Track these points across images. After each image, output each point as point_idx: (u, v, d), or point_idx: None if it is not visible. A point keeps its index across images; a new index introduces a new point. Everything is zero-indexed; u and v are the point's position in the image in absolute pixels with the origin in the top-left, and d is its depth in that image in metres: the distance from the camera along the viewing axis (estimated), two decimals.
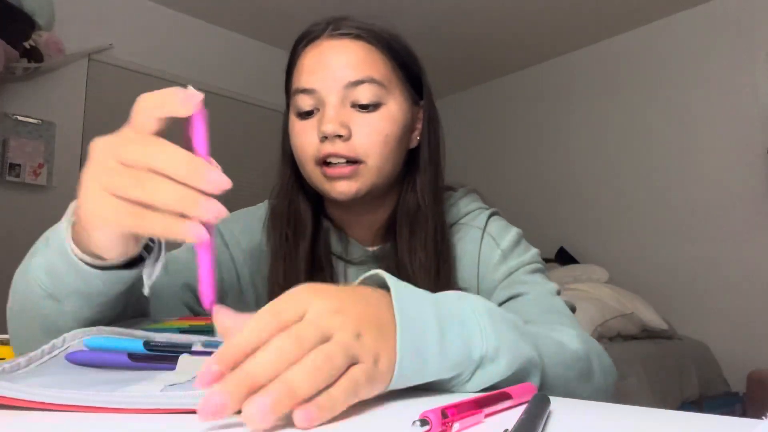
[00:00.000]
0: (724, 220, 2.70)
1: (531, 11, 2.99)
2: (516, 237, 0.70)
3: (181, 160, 0.35)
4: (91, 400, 0.31)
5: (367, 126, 0.63)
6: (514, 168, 3.66)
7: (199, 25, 3.16)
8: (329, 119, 0.62)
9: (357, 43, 0.65)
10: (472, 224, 0.71)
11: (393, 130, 0.64)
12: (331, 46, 0.65)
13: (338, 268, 0.72)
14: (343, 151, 0.62)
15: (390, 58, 0.66)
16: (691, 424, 0.31)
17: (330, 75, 0.63)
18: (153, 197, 0.35)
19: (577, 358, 0.50)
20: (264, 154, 3.38)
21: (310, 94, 0.64)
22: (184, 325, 0.49)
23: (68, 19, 2.64)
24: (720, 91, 2.77)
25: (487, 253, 0.68)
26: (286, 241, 0.69)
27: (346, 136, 0.62)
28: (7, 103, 2.47)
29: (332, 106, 0.62)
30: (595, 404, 0.37)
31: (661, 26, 3.03)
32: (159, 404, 0.31)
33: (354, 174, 0.63)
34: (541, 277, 0.68)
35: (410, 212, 0.68)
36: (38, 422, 0.29)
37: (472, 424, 0.30)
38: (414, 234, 0.67)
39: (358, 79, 0.63)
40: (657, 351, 2.34)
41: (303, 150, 0.65)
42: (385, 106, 0.64)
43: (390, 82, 0.65)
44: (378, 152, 0.63)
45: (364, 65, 0.63)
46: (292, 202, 0.71)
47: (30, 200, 2.51)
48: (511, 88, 3.77)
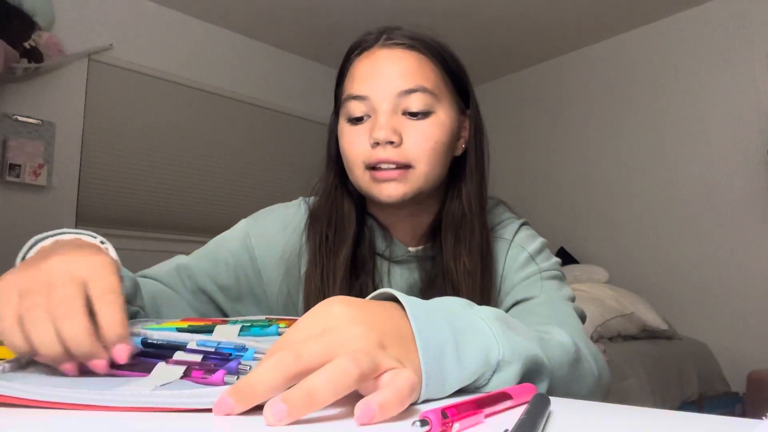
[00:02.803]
0: (724, 221, 2.70)
1: (529, 11, 3.00)
2: (541, 245, 0.74)
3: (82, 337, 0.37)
4: (85, 399, 0.31)
5: (418, 133, 0.65)
6: (513, 168, 3.66)
7: (200, 25, 3.17)
8: (381, 126, 0.63)
9: (409, 52, 0.67)
10: (503, 234, 0.74)
11: (442, 137, 0.66)
12: (385, 55, 0.67)
13: (381, 266, 0.74)
14: (394, 157, 0.64)
15: (440, 68, 0.68)
16: (691, 424, 0.30)
17: (383, 83, 0.65)
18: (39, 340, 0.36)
19: (565, 350, 0.51)
20: (265, 153, 3.38)
21: (363, 100, 0.66)
22: (183, 326, 0.49)
23: (68, 19, 2.64)
24: (720, 91, 2.77)
25: (513, 256, 0.72)
26: (326, 241, 0.71)
27: (397, 142, 0.64)
28: (7, 103, 2.47)
29: (384, 113, 0.64)
30: (595, 404, 0.37)
31: (660, 26, 3.03)
32: (152, 403, 0.31)
33: (402, 178, 0.65)
34: (558, 283, 0.71)
35: (455, 219, 0.70)
36: (33, 420, 0.29)
37: (472, 424, 0.30)
38: (459, 240, 0.69)
39: (410, 88, 0.65)
40: (657, 351, 2.33)
41: (353, 154, 0.67)
42: (435, 114, 0.66)
43: (440, 91, 0.67)
44: (427, 158, 0.65)
45: (416, 74, 0.65)
46: (334, 203, 0.72)
47: (30, 200, 2.51)
48: (511, 89, 3.77)
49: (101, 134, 2.77)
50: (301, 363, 0.30)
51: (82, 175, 2.69)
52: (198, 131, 3.13)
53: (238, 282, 0.72)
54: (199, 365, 0.38)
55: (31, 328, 0.36)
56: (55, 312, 0.36)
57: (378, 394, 0.29)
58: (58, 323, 0.36)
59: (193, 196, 3.10)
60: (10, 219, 2.44)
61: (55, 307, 0.36)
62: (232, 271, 0.72)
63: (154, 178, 2.95)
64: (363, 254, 0.72)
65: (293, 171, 3.40)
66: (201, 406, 0.31)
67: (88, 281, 0.38)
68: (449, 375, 0.36)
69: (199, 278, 0.71)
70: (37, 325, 0.36)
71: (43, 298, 0.37)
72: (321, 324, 0.34)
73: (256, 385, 0.30)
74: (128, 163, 2.85)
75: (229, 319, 0.54)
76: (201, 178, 3.12)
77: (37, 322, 0.36)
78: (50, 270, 0.38)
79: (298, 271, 0.73)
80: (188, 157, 3.08)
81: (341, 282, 0.68)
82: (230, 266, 0.72)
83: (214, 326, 0.49)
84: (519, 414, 0.29)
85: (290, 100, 3.50)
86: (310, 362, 0.30)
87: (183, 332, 0.47)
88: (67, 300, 0.36)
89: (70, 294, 0.37)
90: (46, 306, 0.36)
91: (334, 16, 3.02)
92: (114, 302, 0.38)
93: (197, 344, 0.43)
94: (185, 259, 0.74)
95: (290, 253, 0.73)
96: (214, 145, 3.19)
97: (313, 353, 0.31)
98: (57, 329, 0.36)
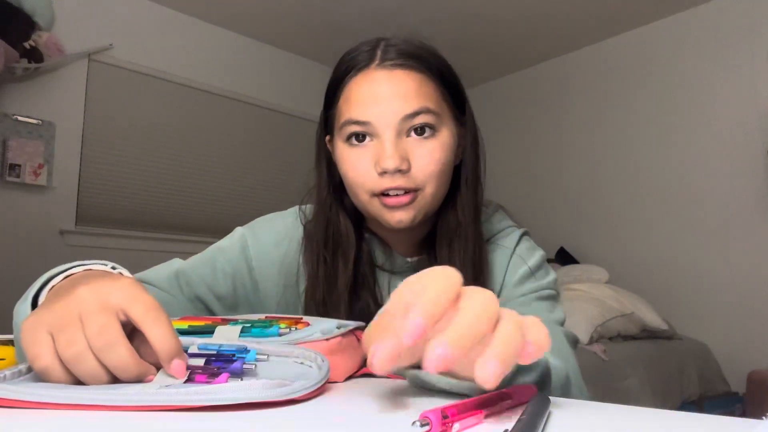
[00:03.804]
0: (724, 221, 2.70)
1: (530, 11, 2.99)
2: (540, 260, 0.73)
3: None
4: (92, 399, 0.31)
5: (425, 156, 0.63)
6: (513, 169, 3.66)
7: (200, 25, 3.17)
8: (390, 155, 0.61)
9: (409, 73, 0.64)
10: (504, 243, 0.73)
11: (447, 156, 0.65)
12: (384, 77, 0.64)
13: (382, 279, 0.73)
14: (404, 184, 0.63)
15: (439, 83, 0.67)
16: (691, 424, 0.31)
17: (385, 108, 0.63)
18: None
19: (558, 376, 0.52)
20: (265, 152, 3.38)
21: (364, 125, 0.64)
22: (183, 326, 0.49)
23: (68, 19, 2.65)
24: (720, 91, 2.77)
25: (513, 268, 0.71)
26: (325, 264, 0.70)
27: (406, 169, 0.62)
28: (7, 103, 2.47)
29: (390, 140, 0.62)
30: (595, 404, 0.37)
31: (661, 26, 3.03)
32: (156, 401, 0.31)
33: (412, 201, 0.64)
34: (551, 304, 0.70)
35: (450, 229, 0.69)
36: (37, 421, 0.29)
37: (472, 424, 0.30)
38: (453, 250, 0.69)
39: (414, 111, 0.63)
40: (657, 351, 2.34)
41: (358, 180, 0.65)
42: (439, 134, 0.65)
43: (441, 108, 0.66)
44: (435, 181, 0.64)
45: (419, 96, 0.63)
46: (330, 222, 0.71)
47: (30, 200, 2.51)
48: (511, 89, 3.77)
49: (101, 134, 2.77)
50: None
51: (82, 175, 2.69)
52: (198, 131, 3.13)
53: (235, 291, 0.72)
54: (202, 369, 0.38)
55: (75, 365, 0.35)
56: (96, 344, 0.35)
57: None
58: (101, 355, 0.35)
59: (193, 195, 3.10)
60: (10, 219, 2.44)
61: (94, 339, 0.35)
62: (230, 281, 0.72)
63: (154, 178, 2.95)
64: (363, 270, 0.71)
65: (293, 171, 3.40)
66: (209, 402, 0.32)
67: (125, 305, 0.37)
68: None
69: (197, 286, 0.71)
70: (80, 361, 0.35)
71: (79, 331, 0.35)
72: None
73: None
74: (128, 163, 2.85)
75: (229, 318, 0.54)
76: (201, 177, 3.12)
77: (79, 358, 0.35)
78: (79, 301, 0.37)
79: (297, 287, 0.73)
80: (188, 156, 3.08)
81: (346, 298, 0.68)
82: (228, 275, 0.72)
83: (215, 326, 0.49)
84: (519, 414, 0.29)
85: (291, 100, 3.50)
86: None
87: (184, 334, 0.47)
88: (104, 329, 0.35)
89: (105, 322, 0.36)
90: (83, 340, 0.35)
91: (335, 15, 3.02)
92: (160, 318, 0.37)
93: (198, 348, 0.43)
94: (183, 264, 0.73)
95: (288, 267, 0.73)
96: (213, 144, 3.19)
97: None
98: (101, 361, 0.35)
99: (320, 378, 0.38)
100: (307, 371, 0.41)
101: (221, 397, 0.32)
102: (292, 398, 0.34)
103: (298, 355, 0.44)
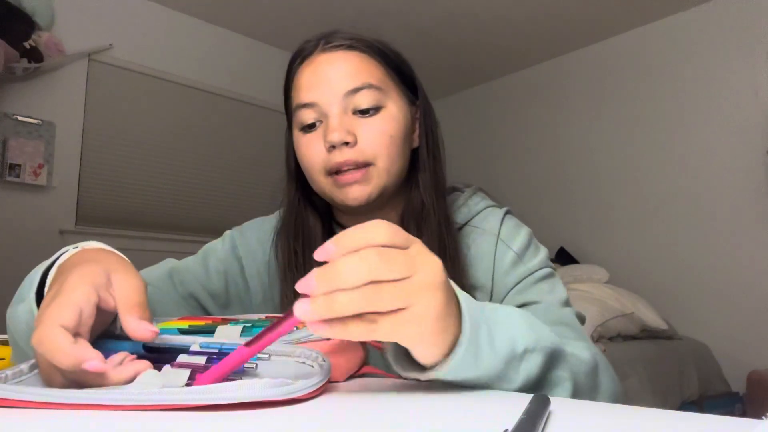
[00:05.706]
0: (724, 221, 2.70)
1: (530, 11, 2.99)
2: (527, 238, 0.70)
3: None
4: (90, 399, 0.31)
5: (372, 129, 0.64)
6: (513, 169, 3.66)
7: (199, 25, 3.17)
8: (334, 128, 0.63)
9: (350, 53, 0.66)
10: (485, 225, 0.71)
11: (396, 129, 0.66)
12: (326, 59, 0.66)
13: None
14: (352, 157, 0.63)
15: (383, 63, 0.68)
16: (691, 424, 0.31)
17: (329, 87, 0.65)
18: None
19: (589, 369, 0.51)
20: (265, 153, 3.38)
21: (312, 107, 0.65)
22: (184, 326, 0.49)
23: (68, 19, 2.65)
24: (720, 91, 2.77)
25: (500, 257, 0.68)
26: (295, 256, 0.71)
27: (352, 142, 0.63)
28: (7, 103, 2.47)
29: (335, 115, 0.64)
30: (595, 404, 0.37)
31: (661, 27, 3.03)
32: (158, 401, 0.32)
33: (365, 178, 0.64)
34: (551, 284, 0.67)
35: (416, 211, 0.69)
36: (38, 421, 0.29)
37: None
38: (421, 232, 0.68)
39: (357, 87, 0.64)
40: (657, 351, 2.34)
41: (311, 162, 0.66)
42: (385, 109, 0.66)
43: (387, 85, 0.67)
44: (385, 153, 0.65)
45: (360, 72, 0.65)
46: (299, 216, 0.72)
47: (30, 200, 2.51)
48: (511, 89, 3.77)
49: (101, 134, 2.77)
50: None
51: (82, 175, 2.69)
52: (198, 131, 3.13)
53: (227, 289, 0.74)
54: (204, 368, 0.39)
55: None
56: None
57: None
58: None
59: (193, 195, 3.10)
60: (10, 219, 2.44)
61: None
62: (222, 279, 0.73)
63: (154, 177, 2.95)
64: None
65: None
66: (210, 402, 0.32)
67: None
68: (484, 355, 0.39)
69: (191, 284, 0.72)
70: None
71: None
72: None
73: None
74: (128, 162, 2.85)
75: (230, 318, 0.54)
76: (201, 178, 3.12)
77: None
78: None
79: (277, 283, 0.74)
80: (188, 156, 3.08)
81: None
82: (220, 273, 0.73)
83: (215, 326, 0.49)
84: (519, 414, 0.29)
85: None
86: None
87: (185, 334, 0.47)
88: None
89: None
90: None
91: (336, 15, 3.02)
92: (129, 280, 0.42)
93: (200, 346, 0.43)
94: (177, 264, 0.74)
95: (271, 266, 0.75)
96: (214, 144, 3.19)
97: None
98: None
99: (321, 377, 0.38)
100: (309, 371, 0.41)
101: (222, 396, 0.32)
102: (293, 397, 0.34)
103: (299, 354, 0.44)
